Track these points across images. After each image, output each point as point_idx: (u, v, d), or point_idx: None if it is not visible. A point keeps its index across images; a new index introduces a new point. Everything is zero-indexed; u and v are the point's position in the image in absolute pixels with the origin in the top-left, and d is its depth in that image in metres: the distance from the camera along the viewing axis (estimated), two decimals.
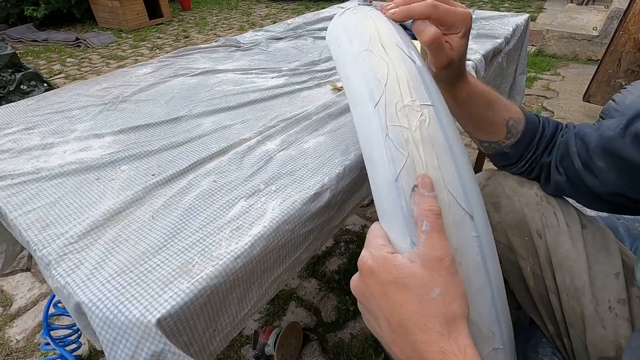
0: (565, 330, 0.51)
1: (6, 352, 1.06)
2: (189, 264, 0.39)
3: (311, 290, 1.21)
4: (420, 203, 0.31)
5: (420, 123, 0.34)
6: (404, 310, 0.29)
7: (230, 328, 0.43)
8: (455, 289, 0.30)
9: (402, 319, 0.29)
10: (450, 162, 0.34)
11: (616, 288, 0.47)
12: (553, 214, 0.53)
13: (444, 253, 0.30)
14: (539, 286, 0.53)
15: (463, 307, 0.30)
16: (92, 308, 0.35)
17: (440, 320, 0.29)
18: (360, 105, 0.38)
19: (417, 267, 0.30)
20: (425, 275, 0.29)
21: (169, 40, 4.04)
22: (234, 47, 1.11)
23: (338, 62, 0.47)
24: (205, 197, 0.49)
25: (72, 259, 0.40)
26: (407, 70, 0.37)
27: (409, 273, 0.30)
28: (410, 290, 0.29)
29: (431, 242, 0.30)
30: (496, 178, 0.57)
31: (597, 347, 0.46)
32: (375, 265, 0.31)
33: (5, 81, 2.09)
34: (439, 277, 0.29)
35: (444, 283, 0.29)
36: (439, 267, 0.29)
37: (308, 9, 5.10)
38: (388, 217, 0.34)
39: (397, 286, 0.30)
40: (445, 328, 0.28)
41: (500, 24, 1.21)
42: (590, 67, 2.64)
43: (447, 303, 0.29)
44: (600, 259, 0.49)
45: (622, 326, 0.45)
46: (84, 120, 0.70)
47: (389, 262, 0.31)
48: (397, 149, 0.33)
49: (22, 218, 0.46)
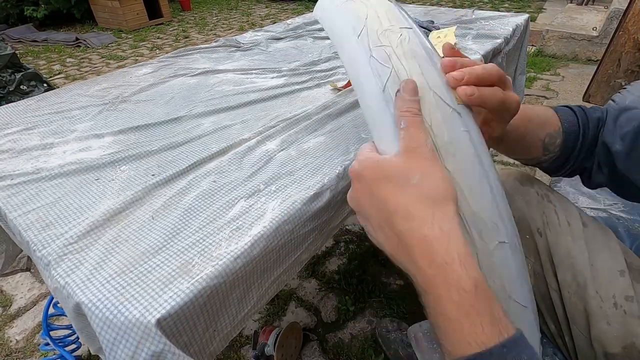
0: (567, 327, 0.51)
1: (6, 352, 1.06)
2: (189, 264, 0.39)
3: (311, 290, 1.21)
4: (400, 106, 0.32)
5: (400, 41, 0.36)
6: (389, 203, 0.30)
7: (230, 328, 0.43)
8: (435, 173, 0.30)
9: (388, 211, 0.30)
10: (432, 69, 0.35)
11: (622, 285, 0.47)
12: (554, 212, 0.53)
13: (420, 143, 0.31)
14: (539, 284, 0.53)
15: (448, 190, 0.30)
16: (92, 308, 0.35)
17: (423, 204, 0.29)
18: (346, 43, 0.40)
19: (396, 158, 0.31)
20: (403, 164, 0.30)
21: (169, 40, 4.04)
22: (234, 48, 1.11)
23: (324, 21, 0.49)
24: (205, 197, 0.49)
25: (72, 259, 0.40)
26: (387, 7, 0.40)
27: (388, 165, 0.31)
28: (391, 181, 0.30)
29: (408, 136, 0.31)
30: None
31: (602, 343, 0.46)
32: (361, 167, 0.33)
33: (5, 81, 2.09)
34: (416, 164, 0.30)
35: (422, 169, 0.30)
36: (416, 156, 0.30)
37: (308, 9, 5.10)
38: (378, 126, 0.35)
39: (380, 181, 0.31)
40: (428, 212, 0.28)
41: (500, 24, 1.21)
42: (590, 67, 2.64)
43: (428, 187, 0.29)
44: (603, 256, 0.49)
45: (633, 324, 0.45)
46: (83, 120, 0.70)
47: (372, 161, 0.32)
48: (382, 64, 0.35)
49: (22, 218, 0.46)
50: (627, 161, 0.45)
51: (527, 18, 1.27)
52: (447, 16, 1.35)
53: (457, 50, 0.38)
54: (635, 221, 0.79)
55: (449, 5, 4.87)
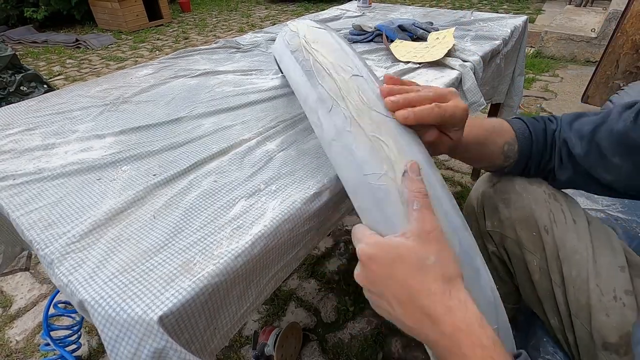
0: (569, 323, 0.52)
1: (6, 352, 1.06)
2: (190, 262, 0.39)
3: (311, 290, 1.21)
4: (411, 187, 0.35)
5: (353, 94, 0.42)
6: (410, 283, 0.33)
7: (231, 326, 0.43)
8: (446, 254, 0.34)
9: (410, 291, 0.33)
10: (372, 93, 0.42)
11: (622, 280, 0.49)
12: (560, 211, 0.54)
13: (432, 225, 0.34)
14: (543, 280, 0.55)
15: (457, 269, 0.34)
16: (95, 306, 0.35)
17: (440, 282, 0.33)
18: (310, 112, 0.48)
19: (410, 242, 0.34)
20: (419, 246, 0.33)
21: (169, 41, 4.05)
22: (234, 49, 1.11)
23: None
24: (206, 196, 0.49)
25: (75, 258, 0.40)
26: (336, 56, 0.48)
27: (405, 248, 0.34)
28: (409, 263, 0.33)
29: (422, 217, 0.34)
30: (507, 176, 0.59)
31: (601, 334, 0.48)
32: (374, 251, 0.35)
33: (5, 82, 2.10)
34: (430, 247, 0.33)
35: (436, 250, 0.33)
36: (430, 238, 0.34)
37: (307, 11, 5.12)
38: (382, 206, 0.37)
39: (398, 263, 0.33)
40: (446, 287, 0.32)
41: (498, 25, 1.22)
42: (589, 68, 2.65)
43: (443, 266, 0.33)
44: (605, 253, 0.51)
45: (630, 315, 0.47)
46: (85, 121, 0.70)
47: (385, 244, 0.35)
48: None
49: (25, 218, 0.46)
50: (586, 161, 0.50)
51: (526, 20, 1.28)
52: (445, 18, 1.35)
53: (397, 78, 0.43)
54: (633, 222, 0.80)
55: (447, 6, 4.88)
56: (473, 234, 0.40)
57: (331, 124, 0.42)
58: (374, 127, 0.39)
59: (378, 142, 0.38)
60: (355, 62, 0.46)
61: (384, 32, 1.10)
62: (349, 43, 0.52)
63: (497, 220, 0.58)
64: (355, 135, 0.39)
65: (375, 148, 0.38)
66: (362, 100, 0.41)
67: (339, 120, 0.41)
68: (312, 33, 0.54)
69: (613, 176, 0.49)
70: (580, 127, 0.51)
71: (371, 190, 0.37)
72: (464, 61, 0.92)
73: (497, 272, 0.64)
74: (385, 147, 0.37)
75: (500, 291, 0.63)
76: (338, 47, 0.49)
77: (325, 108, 0.43)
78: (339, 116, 0.41)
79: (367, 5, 1.62)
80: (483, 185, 0.62)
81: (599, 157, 0.49)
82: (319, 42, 0.51)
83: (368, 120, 0.39)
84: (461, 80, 0.88)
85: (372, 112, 0.40)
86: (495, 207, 0.58)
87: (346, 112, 0.41)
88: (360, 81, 0.43)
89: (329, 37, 0.52)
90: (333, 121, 0.42)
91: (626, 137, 0.45)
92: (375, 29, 1.14)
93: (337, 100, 0.42)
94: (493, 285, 0.41)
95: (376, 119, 0.39)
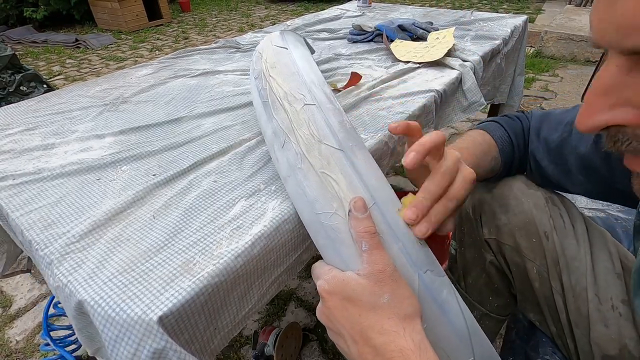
0: (569, 331, 0.51)
1: (6, 352, 1.06)
2: (190, 262, 0.39)
3: (311, 290, 1.21)
4: (356, 226, 0.35)
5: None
6: (362, 319, 0.33)
7: (231, 327, 0.43)
8: (401, 291, 0.33)
9: (362, 327, 0.32)
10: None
11: (619, 288, 0.48)
12: (559, 215, 0.53)
13: (385, 264, 0.34)
14: (544, 287, 0.53)
15: (413, 306, 0.33)
16: (95, 306, 0.35)
17: (395, 320, 0.32)
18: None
19: (364, 280, 0.33)
20: (372, 286, 0.33)
21: (169, 41, 4.05)
22: (234, 49, 1.11)
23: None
24: (206, 196, 0.49)
25: (74, 258, 0.40)
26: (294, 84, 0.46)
27: (357, 285, 0.33)
28: (362, 300, 0.33)
29: (372, 259, 0.34)
30: (504, 180, 0.58)
31: (600, 346, 0.46)
32: (331, 286, 0.35)
33: (5, 82, 2.09)
34: (384, 286, 0.33)
35: (391, 289, 0.33)
36: (383, 278, 0.33)
37: (307, 11, 5.11)
38: (337, 245, 0.37)
39: (352, 300, 0.33)
40: (400, 326, 0.32)
41: (498, 25, 1.22)
42: (589, 68, 2.65)
43: (398, 304, 0.33)
44: (603, 258, 0.50)
45: (627, 327, 0.45)
46: (84, 121, 0.70)
47: (341, 281, 0.35)
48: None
49: (24, 218, 0.46)
50: (554, 173, 0.51)
51: (526, 19, 1.28)
52: (446, 17, 1.35)
53: (402, 125, 0.41)
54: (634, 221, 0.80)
55: (447, 6, 4.88)
56: (470, 244, 0.39)
57: (284, 159, 0.42)
58: (323, 163, 0.38)
59: (327, 179, 0.37)
60: (310, 87, 0.45)
61: (384, 31, 1.10)
62: (310, 56, 0.50)
63: (494, 227, 0.57)
64: (305, 172, 0.39)
65: (324, 185, 0.37)
66: (312, 133, 0.40)
67: (291, 156, 0.41)
68: (273, 55, 0.52)
69: (580, 190, 0.50)
70: (548, 136, 0.51)
71: (324, 229, 0.37)
72: (464, 61, 0.92)
73: (493, 283, 0.61)
74: (334, 184, 0.37)
75: (495, 305, 0.63)
76: (294, 70, 0.48)
77: (279, 143, 0.43)
78: (291, 152, 0.41)
79: (367, 5, 1.62)
80: (479, 191, 0.60)
81: (565, 173, 0.50)
82: (277, 67, 0.50)
83: (317, 155, 0.39)
84: (461, 80, 0.88)
85: (321, 145, 0.39)
86: (493, 214, 0.57)
87: (297, 148, 0.40)
88: (312, 110, 0.42)
89: (287, 59, 0.50)
90: (286, 156, 0.42)
91: (588, 160, 0.46)
92: (375, 29, 1.14)
93: (288, 135, 0.42)
94: (468, 313, 0.39)
95: (325, 153, 0.39)
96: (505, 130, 0.55)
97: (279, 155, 0.44)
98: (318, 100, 0.43)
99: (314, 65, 0.51)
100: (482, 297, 0.63)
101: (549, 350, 0.56)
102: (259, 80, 0.52)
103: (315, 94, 0.44)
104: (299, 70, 0.48)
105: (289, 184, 0.42)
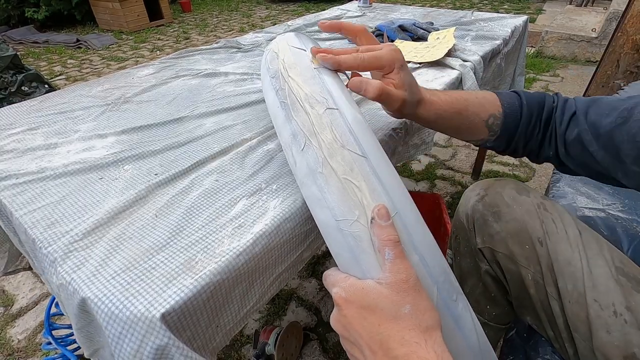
0: (568, 335, 0.51)
1: (8, 351, 1.07)
2: (192, 260, 0.40)
3: (311, 290, 1.21)
4: (380, 234, 0.34)
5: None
6: (382, 329, 0.31)
7: (233, 324, 0.44)
8: (423, 303, 0.33)
9: (382, 338, 0.31)
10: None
11: (620, 294, 0.47)
12: (551, 221, 0.53)
13: (408, 274, 0.33)
14: (540, 293, 0.53)
15: (434, 318, 0.32)
16: (98, 303, 0.36)
17: (416, 331, 0.31)
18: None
19: (385, 289, 0.33)
20: (394, 295, 0.32)
21: (170, 41, 4.05)
22: (235, 49, 1.12)
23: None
24: (208, 195, 0.50)
25: (78, 256, 0.41)
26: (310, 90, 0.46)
27: (378, 294, 0.32)
28: (383, 310, 0.32)
29: (395, 268, 0.33)
30: (495, 187, 0.57)
31: (604, 353, 0.46)
32: (348, 294, 0.34)
33: (6, 82, 2.10)
34: (407, 296, 0.32)
35: (413, 300, 0.32)
36: (405, 288, 0.32)
37: (308, 11, 5.12)
38: (355, 252, 0.36)
39: (372, 309, 0.32)
40: (421, 338, 0.31)
41: (499, 25, 1.22)
42: (589, 68, 2.65)
43: (419, 315, 0.32)
44: (600, 264, 0.49)
45: (633, 334, 0.45)
46: (87, 120, 0.70)
47: (361, 288, 0.33)
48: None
49: (28, 216, 0.47)
50: (602, 161, 0.46)
51: (526, 19, 1.28)
52: (446, 18, 1.36)
53: (336, 23, 0.50)
54: (634, 221, 0.80)
55: (448, 6, 4.88)
56: (465, 253, 0.39)
57: (304, 162, 0.41)
58: (346, 169, 0.37)
59: (350, 185, 0.37)
60: (332, 91, 0.44)
61: (385, 32, 1.10)
62: (329, 65, 0.50)
63: (487, 235, 0.56)
64: (327, 177, 0.38)
65: (347, 192, 0.37)
66: (335, 137, 0.39)
67: (312, 160, 0.40)
68: (291, 56, 0.51)
69: (632, 183, 0.45)
70: (598, 121, 0.46)
71: (344, 237, 0.36)
72: (464, 61, 0.92)
73: (490, 292, 0.61)
74: (357, 192, 0.36)
75: (493, 313, 0.63)
76: (316, 73, 0.47)
77: (298, 145, 0.42)
78: (312, 156, 0.40)
79: (368, 5, 1.62)
80: (471, 200, 0.59)
81: (617, 162, 0.45)
82: (296, 69, 0.48)
83: (340, 160, 0.38)
84: (462, 80, 0.88)
85: (344, 150, 0.38)
86: (485, 222, 0.56)
87: (318, 152, 0.39)
88: (335, 115, 0.41)
89: (306, 60, 0.50)
90: (305, 160, 0.41)
91: None
92: (375, 29, 1.14)
93: (310, 138, 0.41)
94: (480, 329, 0.39)
95: (348, 158, 0.38)
96: (520, 98, 0.52)
97: (298, 158, 0.42)
98: (339, 105, 0.42)
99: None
100: (480, 306, 0.63)
101: (549, 350, 0.57)
102: (276, 79, 0.50)
103: (335, 98, 0.43)
104: (319, 72, 0.47)
105: (308, 187, 0.41)
